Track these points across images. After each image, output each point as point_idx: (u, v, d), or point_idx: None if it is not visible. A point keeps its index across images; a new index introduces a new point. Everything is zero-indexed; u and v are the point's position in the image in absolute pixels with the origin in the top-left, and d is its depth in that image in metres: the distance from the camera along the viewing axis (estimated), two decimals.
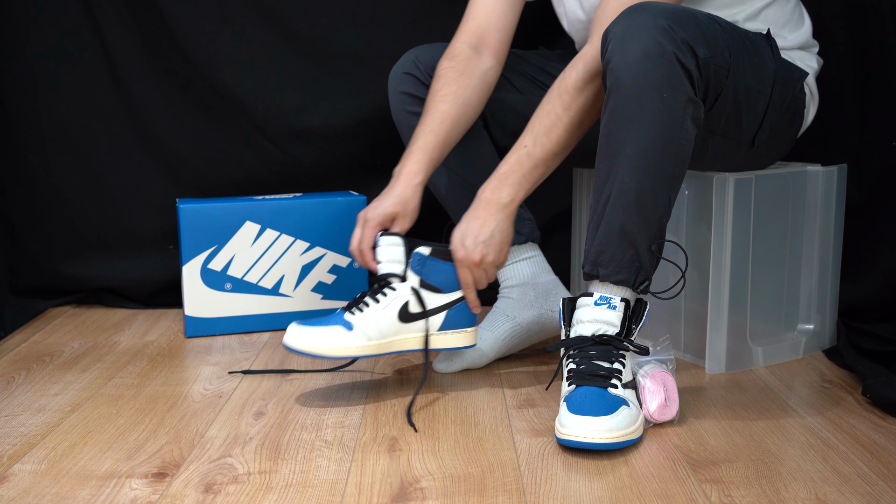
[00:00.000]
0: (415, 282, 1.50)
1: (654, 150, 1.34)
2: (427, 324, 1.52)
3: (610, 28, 1.36)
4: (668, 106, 1.33)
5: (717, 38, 1.40)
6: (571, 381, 1.35)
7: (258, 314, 1.90)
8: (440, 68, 1.63)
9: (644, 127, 1.33)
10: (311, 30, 2.05)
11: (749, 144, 1.56)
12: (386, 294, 1.50)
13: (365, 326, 1.47)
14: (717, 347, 1.61)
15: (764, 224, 1.62)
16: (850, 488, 1.18)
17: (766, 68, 1.52)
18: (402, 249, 1.52)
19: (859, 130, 1.85)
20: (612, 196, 1.36)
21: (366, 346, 1.47)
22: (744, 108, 1.49)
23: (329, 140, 2.08)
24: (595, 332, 1.37)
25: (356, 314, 1.48)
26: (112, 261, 2.09)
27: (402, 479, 1.21)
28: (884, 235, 1.79)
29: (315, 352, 1.45)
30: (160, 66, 2.04)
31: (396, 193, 1.56)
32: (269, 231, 1.87)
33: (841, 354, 1.66)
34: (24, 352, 1.79)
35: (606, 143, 1.37)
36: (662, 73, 1.32)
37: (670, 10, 1.35)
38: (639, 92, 1.32)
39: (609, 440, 1.27)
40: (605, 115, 1.37)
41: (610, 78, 1.34)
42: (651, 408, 1.36)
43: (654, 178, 1.35)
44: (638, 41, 1.32)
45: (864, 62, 1.82)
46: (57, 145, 2.05)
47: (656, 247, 1.39)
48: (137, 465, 1.26)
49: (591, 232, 1.40)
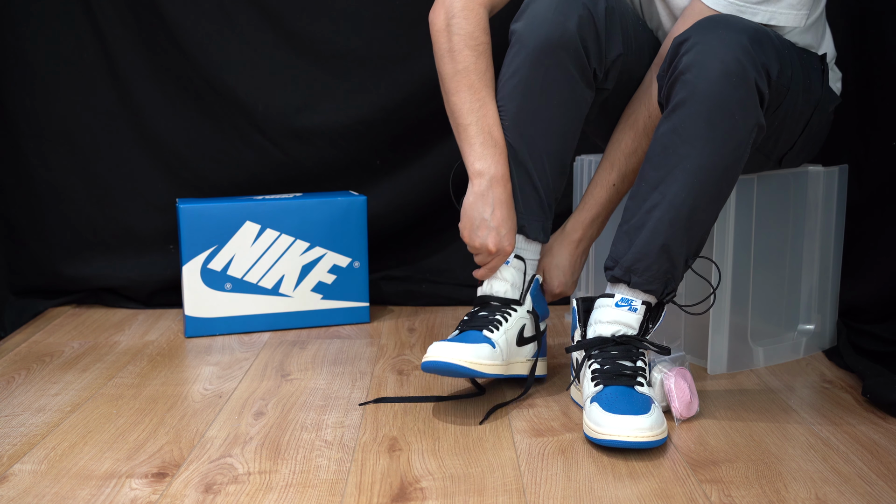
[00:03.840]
0: (529, 306, 1.50)
1: (716, 170, 1.33)
2: (532, 349, 1.51)
3: (687, 38, 1.32)
4: (739, 130, 1.31)
5: (785, 61, 1.37)
6: (598, 381, 1.34)
7: (258, 314, 1.90)
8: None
9: (711, 147, 1.31)
10: (311, 30, 2.04)
11: (776, 162, 1.56)
12: (511, 315, 1.47)
13: (502, 344, 1.44)
14: (719, 348, 1.61)
15: (765, 224, 1.62)
16: (850, 488, 1.18)
17: (813, 93, 1.50)
18: (521, 275, 1.49)
19: (859, 130, 1.85)
20: (661, 207, 1.34)
21: (501, 364, 1.43)
22: (785, 129, 1.48)
23: (329, 140, 2.08)
24: (614, 333, 1.37)
25: (494, 332, 1.44)
26: (112, 261, 2.09)
27: (402, 479, 1.21)
28: (884, 236, 1.79)
29: (469, 366, 1.38)
30: (160, 65, 2.04)
31: (511, 209, 1.48)
32: (269, 231, 1.87)
33: (841, 355, 1.66)
34: (24, 352, 1.78)
35: (663, 153, 1.34)
36: (739, 96, 1.29)
37: (752, 28, 1.32)
38: (711, 110, 1.30)
39: (650, 438, 1.26)
40: (667, 125, 1.34)
41: (682, 90, 1.31)
42: (680, 405, 1.36)
43: (708, 198, 1.34)
44: (720, 59, 1.29)
45: (864, 63, 1.82)
46: (57, 145, 2.05)
47: (692, 260, 1.39)
48: (137, 465, 1.26)
49: (625, 236, 1.38)
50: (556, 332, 1.89)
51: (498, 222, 1.46)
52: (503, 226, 1.46)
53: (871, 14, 1.80)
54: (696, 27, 1.33)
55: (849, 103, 1.85)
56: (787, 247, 1.68)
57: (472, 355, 1.38)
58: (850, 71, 1.84)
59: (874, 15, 1.79)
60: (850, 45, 1.83)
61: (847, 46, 1.83)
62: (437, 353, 1.38)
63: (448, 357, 1.37)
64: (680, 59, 1.32)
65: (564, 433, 1.36)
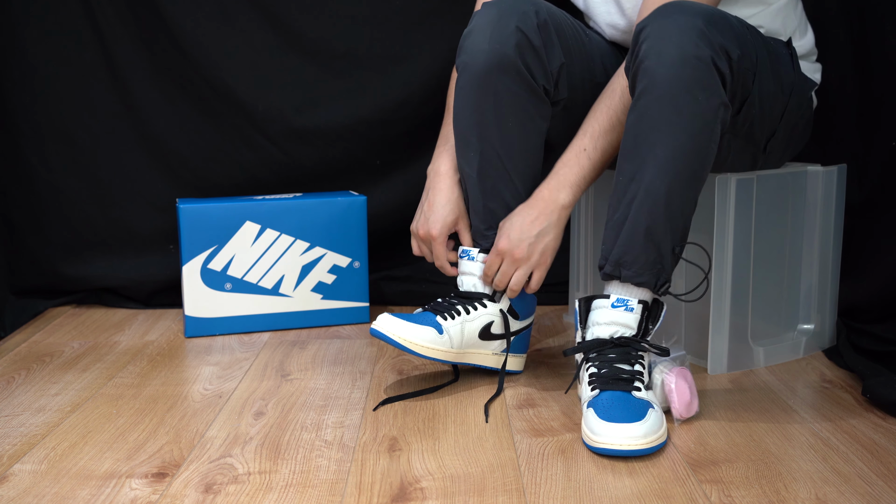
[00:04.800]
0: (505, 305, 1.54)
1: (685, 153, 1.33)
2: (503, 345, 1.56)
3: (644, 26, 1.34)
4: (703, 109, 1.32)
5: (746, 42, 1.39)
6: (595, 386, 1.34)
7: (258, 314, 1.90)
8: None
9: (677, 130, 1.32)
10: (311, 30, 2.04)
11: (762, 150, 1.56)
12: (477, 308, 1.53)
13: (453, 333, 1.50)
14: (719, 348, 1.61)
15: (764, 224, 1.62)
16: (850, 488, 1.18)
17: (785, 76, 1.52)
18: None
19: (859, 130, 1.85)
20: (639, 197, 1.35)
21: (448, 351, 1.50)
22: (764, 114, 1.48)
23: (329, 140, 2.08)
24: (613, 335, 1.37)
25: (448, 320, 1.51)
26: (112, 261, 2.09)
27: (402, 479, 1.21)
28: (884, 235, 1.79)
29: (405, 344, 1.47)
30: (160, 65, 2.04)
31: (447, 198, 1.57)
32: (269, 231, 1.87)
33: (841, 354, 1.66)
34: (24, 352, 1.78)
35: (634, 144, 1.35)
36: (698, 77, 1.30)
37: (706, 11, 1.33)
38: (673, 94, 1.31)
39: (643, 446, 1.26)
40: (634, 115, 1.35)
41: (643, 78, 1.33)
42: (680, 406, 1.36)
43: (683, 181, 1.35)
44: (675, 43, 1.30)
45: (864, 62, 1.82)
46: (57, 145, 2.05)
47: (679, 249, 1.38)
48: (137, 465, 1.26)
49: (611, 232, 1.39)
50: (555, 331, 1.89)
51: (427, 207, 1.58)
52: (431, 211, 1.57)
53: (871, 14, 1.80)
54: (653, 14, 1.35)
55: (849, 103, 1.85)
56: (787, 246, 1.68)
57: (412, 335, 1.47)
58: (850, 71, 1.84)
59: (874, 15, 1.79)
60: (850, 45, 1.83)
61: (847, 46, 1.83)
62: (382, 325, 1.48)
63: (389, 331, 1.47)
64: (640, 47, 1.34)
65: (564, 433, 1.36)
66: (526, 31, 1.46)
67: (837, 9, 1.83)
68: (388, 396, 1.51)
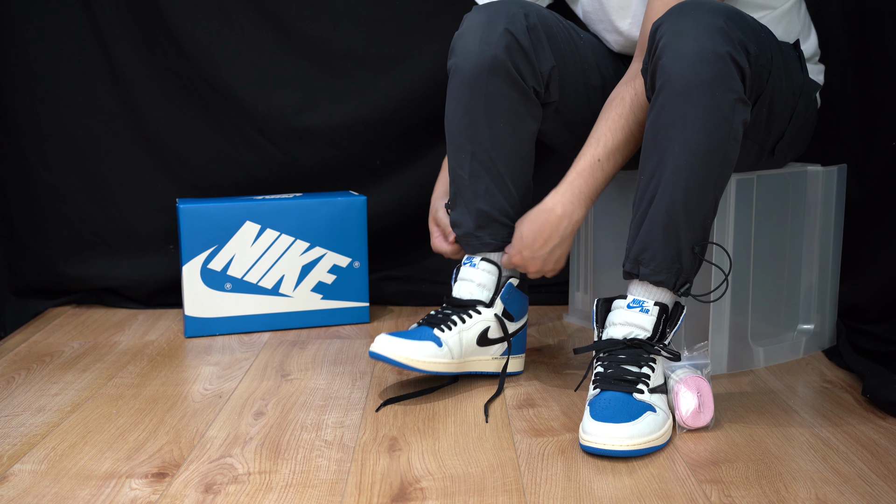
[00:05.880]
0: (499, 309, 1.55)
1: (703, 149, 1.32)
2: (501, 348, 1.57)
3: (661, 24, 1.34)
4: (719, 104, 1.31)
5: (762, 40, 1.38)
6: (597, 385, 1.34)
7: (258, 314, 1.90)
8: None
9: (694, 125, 1.31)
10: (311, 30, 2.04)
11: (769, 152, 1.56)
12: (472, 316, 1.53)
13: (451, 344, 1.51)
14: (719, 348, 1.61)
15: (764, 224, 1.62)
16: (850, 488, 1.18)
17: (795, 77, 1.52)
18: (495, 279, 1.56)
19: (859, 130, 1.85)
20: (658, 195, 1.34)
21: (449, 363, 1.51)
22: (773, 114, 1.48)
23: (329, 140, 2.08)
24: (626, 336, 1.36)
25: (445, 331, 1.51)
26: (112, 261, 2.09)
27: (402, 479, 1.21)
28: (884, 235, 1.79)
29: (406, 362, 1.47)
30: (160, 65, 2.04)
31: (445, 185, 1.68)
32: (269, 231, 1.87)
33: (841, 354, 1.66)
34: (24, 352, 1.78)
35: (653, 142, 1.35)
36: (715, 71, 1.30)
37: (725, 9, 1.33)
38: (689, 90, 1.30)
39: (630, 447, 1.26)
40: (653, 113, 1.34)
41: (661, 75, 1.32)
42: (684, 413, 1.35)
43: (701, 178, 1.34)
44: (694, 39, 1.30)
45: (864, 62, 1.83)
46: (57, 145, 2.05)
47: (699, 248, 1.37)
48: (137, 465, 1.26)
49: (633, 231, 1.39)
50: (555, 332, 1.89)
51: (433, 197, 1.70)
52: (435, 197, 1.69)
53: (871, 14, 1.80)
54: (670, 12, 1.34)
55: (849, 103, 1.85)
56: (787, 246, 1.68)
57: (412, 352, 1.47)
58: (850, 71, 1.84)
59: (874, 15, 1.79)
60: (850, 45, 1.83)
61: (847, 46, 1.83)
62: (381, 346, 1.47)
63: (388, 352, 1.46)
64: (657, 43, 1.34)
65: (564, 433, 1.36)
66: (515, 34, 1.48)
67: (838, 9, 1.83)
68: (388, 397, 1.51)
